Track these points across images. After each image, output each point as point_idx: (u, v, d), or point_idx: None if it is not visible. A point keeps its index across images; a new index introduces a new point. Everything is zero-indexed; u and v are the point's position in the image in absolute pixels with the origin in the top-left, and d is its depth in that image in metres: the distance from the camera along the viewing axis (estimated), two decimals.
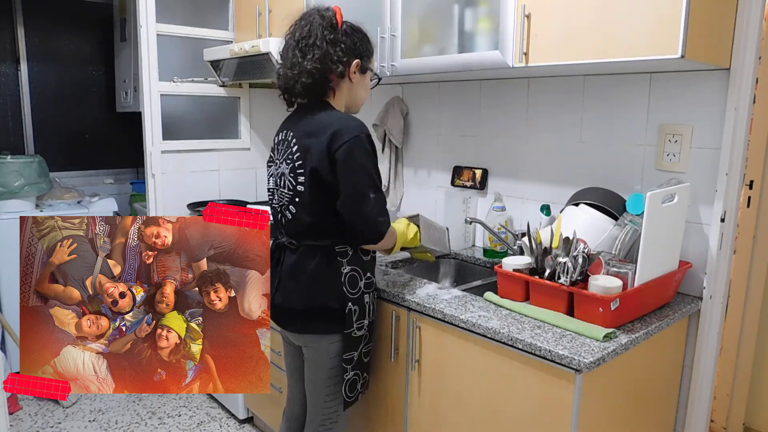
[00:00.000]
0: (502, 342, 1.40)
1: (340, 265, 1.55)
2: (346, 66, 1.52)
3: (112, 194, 3.54)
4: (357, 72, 1.56)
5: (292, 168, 1.53)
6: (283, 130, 1.61)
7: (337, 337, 1.58)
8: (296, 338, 1.65)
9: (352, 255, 1.56)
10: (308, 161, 1.48)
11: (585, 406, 1.30)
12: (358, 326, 1.59)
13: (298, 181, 1.51)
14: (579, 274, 1.46)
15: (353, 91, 1.59)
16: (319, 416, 1.67)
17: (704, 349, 1.67)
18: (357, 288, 1.57)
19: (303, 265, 1.55)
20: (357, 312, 1.57)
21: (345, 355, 1.59)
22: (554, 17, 1.52)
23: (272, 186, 1.64)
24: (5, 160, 2.97)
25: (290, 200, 1.55)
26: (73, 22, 3.66)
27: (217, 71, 2.72)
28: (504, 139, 2.13)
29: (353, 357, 1.61)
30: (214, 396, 2.77)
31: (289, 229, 1.58)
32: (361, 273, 1.58)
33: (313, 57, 1.48)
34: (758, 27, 1.51)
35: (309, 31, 1.49)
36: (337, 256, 1.54)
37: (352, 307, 1.56)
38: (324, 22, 1.50)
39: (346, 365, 1.61)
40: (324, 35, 1.48)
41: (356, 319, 1.57)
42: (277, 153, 1.61)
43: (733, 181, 1.58)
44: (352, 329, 1.57)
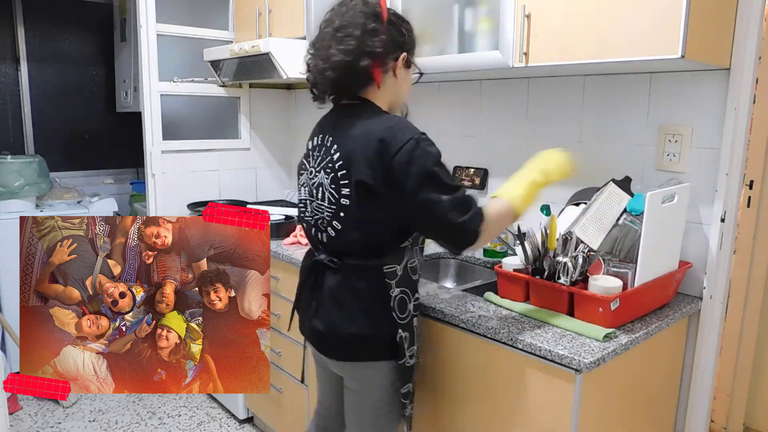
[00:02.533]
0: (502, 342, 1.40)
1: (389, 288, 1.36)
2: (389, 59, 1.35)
3: (112, 194, 3.54)
4: (403, 67, 1.39)
5: (334, 178, 1.33)
6: (320, 134, 1.42)
7: (387, 366, 1.41)
8: (339, 367, 1.47)
9: (401, 275, 1.38)
10: (353, 172, 1.30)
11: (585, 406, 1.30)
12: (410, 354, 1.41)
13: (341, 193, 1.33)
14: (579, 274, 1.46)
15: (398, 87, 1.41)
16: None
17: (704, 349, 1.67)
18: (406, 312, 1.40)
19: (348, 287, 1.38)
20: (408, 338, 1.39)
21: (402, 389, 1.44)
22: (554, 17, 1.52)
23: (305, 196, 1.46)
24: (5, 160, 2.97)
25: (333, 215, 1.36)
26: (73, 22, 3.66)
27: (217, 71, 2.72)
28: (504, 139, 2.13)
29: (410, 390, 1.45)
30: (214, 396, 2.77)
31: (331, 247, 1.40)
32: (410, 294, 1.41)
33: (345, 47, 1.30)
34: (758, 27, 1.51)
35: (349, 19, 1.31)
36: (386, 278, 1.36)
37: (403, 334, 1.38)
38: (366, 9, 1.32)
39: (404, 399, 1.45)
40: (365, 23, 1.30)
41: (408, 346, 1.40)
42: (313, 160, 1.42)
43: (733, 181, 1.58)
44: (405, 358, 1.39)
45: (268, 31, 2.51)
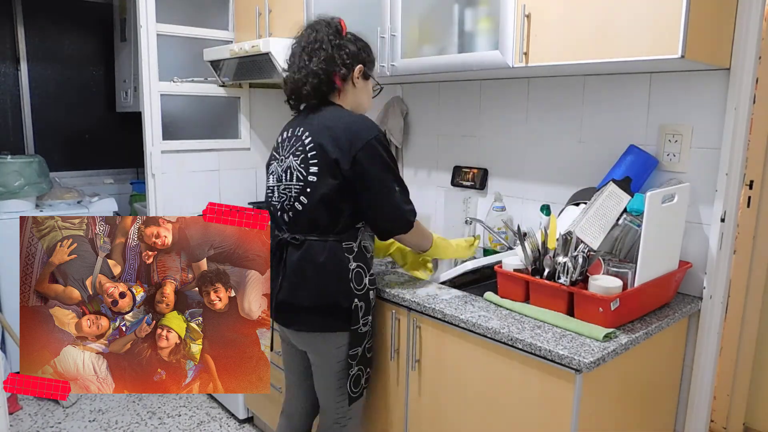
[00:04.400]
0: (502, 342, 1.40)
1: (348, 261, 1.56)
2: (350, 70, 1.59)
3: (112, 194, 3.54)
4: (360, 77, 1.62)
5: (304, 159, 1.54)
6: (290, 128, 1.64)
7: (345, 335, 1.60)
8: (301, 339, 1.65)
9: (357, 251, 1.58)
10: (323, 152, 1.51)
11: (585, 406, 1.30)
12: (364, 322, 1.61)
13: (309, 171, 1.53)
14: (579, 274, 1.46)
15: (357, 96, 1.64)
16: (333, 415, 1.69)
17: (704, 349, 1.67)
18: (362, 284, 1.59)
19: (309, 260, 1.55)
20: (363, 308, 1.59)
21: (351, 351, 1.62)
22: (554, 17, 1.52)
23: (273, 183, 1.65)
24: (5, 160, 2.97)
25: (300, 190, 1.54)
26: (73, 22, 3.66)
27: (217, 71, 2.72)
28: (504, 139, 2.13)
29: (358, 352, 1.64)
30: (214, 396, 2.77)
31: (295, 224, 1.58)
32: (366, 270, 1.61)
33: (320, 59, 1.54)
34: (758, 27, 1.51)
35: (316, 36, 1.57)
36: (344, 252, 1.56)
37: (359, 303, 1.58)
38: (330, 29, 1.58)
39: (351, 361, 1.63)
40: (330, 40, 1.56)
41: (362, 315, 1.60)
42: (282, 150, 1.63)
43: (733, 181, 1.58)
44: (358, 325, 1.60)
45: (268, 31, 2.51)
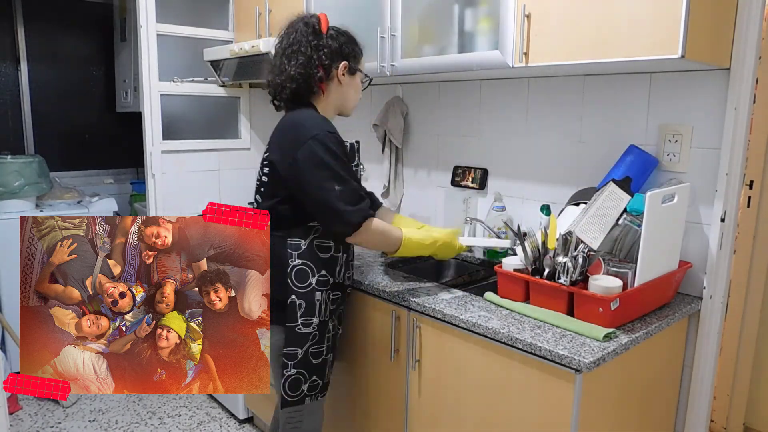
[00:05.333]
0: (502, 342, 1.40)
1: (289, 257, 1.56)
2: (331, 69, 1.57)
3: (112, 194, 3.54)
4: (345, 74, 1.60)
5: (263, 160, 1.61)
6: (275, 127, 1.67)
7: (280, 330, 1.57)
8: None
9: (305, 249, 1.57)
10: (271, 153, 1.57)
11: (585, 406, 1.30)
12: (304, 322, 1.57)
13: (263, 172, 1.59)
14: (579, 274, 1.46)
15: (343, 92, 1.62)
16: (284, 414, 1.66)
17: (704, 349, 1.67)
18: (306, 283, 1.57)
19: None
20: (303, 307, 1.57)
21: (286, 349, 1.58)
22: (554, 17, 1.52)
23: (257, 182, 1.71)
24: (5, 160, 2.97)
25: (257, 190, 1.63)
26: (73, 22, 3.66)
27: (217, 71, 2.72)
28: (504, 139, 2.13)
29: (296, 354, 1.59)
30: (214, 396, 2.77)
31: None
32: (314, 269, 1.58)
33: (297, 62, 1.54)
34: (758, 27, 1.51)
35: (294, 38, 1.56)
36: (287, 248, 1.56)
37: (297, 301, 1.56)
38: (308, 29, 1.56)
39: (287, 360, 1.59)
40: (308, 41, 1.55)
41: (301, 315, 1.57)
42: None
43: (733, 181, 1.58)
44: (296, 324, 1.56)
45: (268, 31, 2.51)
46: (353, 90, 1.65)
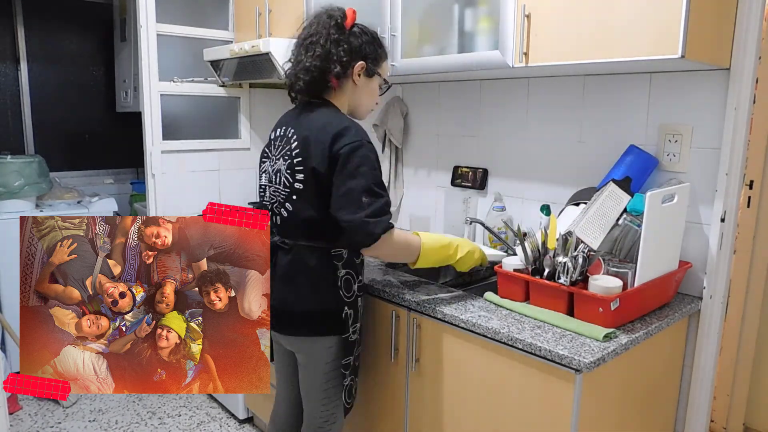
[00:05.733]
0: (502, 342, 1.40)
1: (336, 269, 1.53)
2: (348, 66, 1.49)
3: (112, 194, 3.54)
4: (362, 74, 1.53)
5: (290, 164, 1.49)
6: (282, 126, 1.59)
7: (334, 341, 1.56)
8: (290, 342, 1.61)
9: (347, 258, 1.54)
10: (309, 159, 1.45)
11: (585, 406, 1.30)
12: (353, 330, 1.58)
13: (296, 178, 1.48)
14: (579, 274, 1.46)
15: (357, 94, 1.55)
16: (316, 421, 1.65)
17: (704, 349, 1.67)
18: (351, 291, 1.56)
19: (299, 266, 1.52)
20: (352, 316, 1.57)
21: (343, 360, 1.59)
22: (554, 17, 1.52)
23: (265, 182, 1.62)
24: (5, 160, 2.97)
25: (286, 197, 1.51)
26: (73, 22, 3.66)
27: (217, 71, 2.72)
28: (504, 139, 2.13)
29: (350, 362, 1.61)
30: (214, 396, 2.77)
31: (284, 228, 1.55)
32: (355, 276, 1.57)
33: (314, 54, 1.47)
34: (758, 27, 1.51)
35: (315, 29, 1.49)
36: (333, 259, 1.52)
37: (348, 311, 1.55)
38: (330, 21, 1.48)
39: (345, 371, 1.60)
40: (329, 34, 1.47)
41: (351, 323, 1.57)
42: (274, 149, 1.58)
43: (733, 181, 1.58)
44: (348, 333, 1.57)
45: (268, 31, 2.51)
46: (368, 94, 1.57)
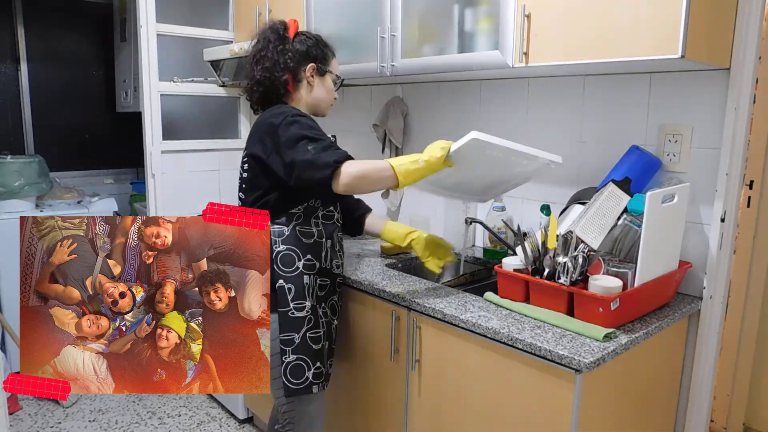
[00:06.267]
0: (502, 342, 1.40)
1: (273, 243, 1.59)
2: (298, 71, 1.63)
3: (112, 194, 3.54)
4: (314, 75, 1.66)
5: (241, 158, 1.66)
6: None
7: (275, 317, 1.59)
8: None
9: (288, 235, 1.61)
10: (248, 148, 1.61)
11: (585, 406, 1.30)
12: (297, 306, 1.60)
13: (243, 168, 1.65)
14: (579, 274, 1.46)
15: (314, 93, 1.67)
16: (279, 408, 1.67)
17: (704, 349, 1.67)
18: (293, 267, 1.60)
19: None
20: (293, 291, 1.59)
21: (282, 335, 1.59)
22: (554, 17, 1.52)
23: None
24: (5, 160, 2.97)
25: (239, 186, 1.70)
26: (73, 22, 3.66)
27: (217, 71, 2.72)
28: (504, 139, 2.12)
29: (293, 339, 1.60)
30: (214, 396, 2.77)
31: None
32: (300, 254, 1.61)
33: (263, 67, 1.60)
34: (758, 27, 1.51)
35: (262, 44, 1.63)
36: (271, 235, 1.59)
37: (286, 285, 1.59)
38: (273, 35, 1.62)
39: (285, 347, 1.60)
40: (274, 46, 1.61)
41: (293, 299, 1.59)
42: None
43: (733, 181, 1.58)
44: (288, 308, 1.59)
45: None
46: (324, 91, 1.69)
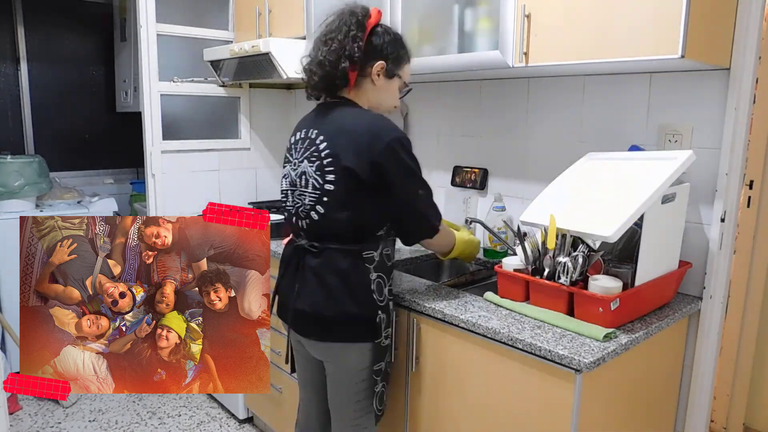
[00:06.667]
0: (502, 342, 1.40)
1: (369, 271, 1.47)
2: (365, 65, 1.46)
3: (112, 194, 3.54)
4: (381, 75, 1.49)
5: (319, 166, 1.44)
6: (303, 128, 1.54)
7: (368, 347, 1.50)
8: (319, 348, 1.54)
9: (378, 261, 1.49)
10: (341, 159, 1.40)
11: (585, 406, 1.30)
12: (386, 335, 1.53)
13: (326, 179, 1.43)
14: (579, 274, 1.46)
15: (377, 94, 1.52)
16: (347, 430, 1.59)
17: (704, 349, 1.67)
18: (383, 295, 1.50)
19: (330, 268, 1.46)
20: (385, 320, 1.51)
21: (375, 366, 1.53)
22: (554, 17, 1.52)
23: (286, 187, 1.56)
24: (5, 160, 2.97)
25: (317, 200, 1.45)
26: (73, 22, 3.66)
27: (217, 71, 2.72)
28: (504, 139, 2.13)
29: (382, 368, 1.55)
30: (214, 396, 2.77)
31: (314, 231, 1.49)
32: (385, 279, 1.52)
33: (330, 49, 1.44)
34: (758, 27, 1.51)
35: (336, 26, 1.46)
36: (365, 262, 1.47)
37: (381, 315, 1.49)
38: (351, 18, 1.46)
39: (376, 377, 1.55)
40: (348, 30, 1.44)
41: (384, 328, 1.51)
42: (296, 152, 1.53)
43: (733, 181, 1.58)
44: (381, 338, 1.51)
45: (268, 31, 2.51)
46: (388, 95, 1.54)
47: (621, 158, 1.62)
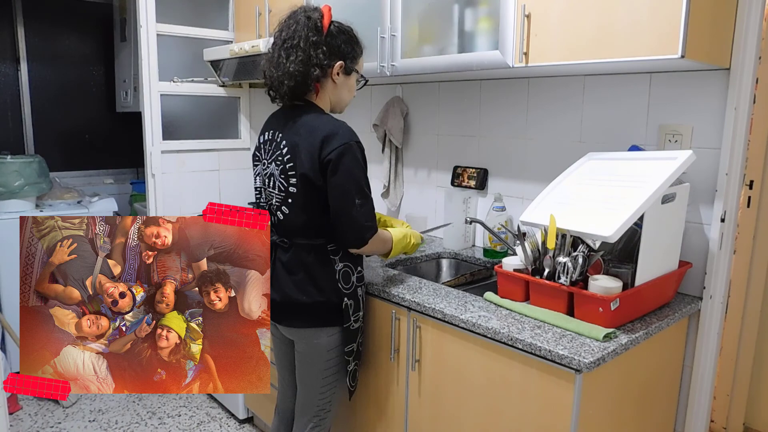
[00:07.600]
0: (502, 342, 1.40)
1: (334, 263, 1.59)
2: (328, 68, 1.53)
3: (112, 194, 3.54)
4: (341, 73, 1.57)
5: (283, 170, 1.54)
6: (270, 129, 1.62)
7: (336, 331, 1.63)
8: (290, 332, 1.67)
9: (343, 252, 1.60)
10: (299, 165, 1.50)
11: (585, 406, 1.30)
12: (355, 319, 1.64)
13: (289, 182, 1.53)
14: (579, 274, 1.46)
15: (337, 91, 1.60)
16: (313, 408, 1.70)
17: (704, 349, 1.67)
18: (350, 283, 1.62)
19: (298, 261, 1.58)
20: (353, 306, 1.62)
21: (346, 347, 1.65)
22: (554, 17, 1.52)
23: (260, 185, 1.67)
24: (5, 160, 2.97)
25: (282, 201, 1.57)
26: (73, 22, 3.66)
27: (217, 71, 2.72)
28: (504, 139, 2.13)
29: (353, 349, 1.68)
30: (214, 396, 2.77)
31: (282, 229, 1.61)
32: (353, 268, 1.63)
33: (296, 59, 1.49)
34: (758, 27, 1.51)
35: (294, 31, 1.51)
36: (329, 254, 1.59)
37: (348, 302, 1.61)
38: (309, 23, 1.50)
39: (348, 357, 1.67)
40: (308, 37, 1.49)
41: (353, 313, 1.63)
42: (264, 153, 1.62)
43: (733, 181, 1.58)
44: (350, 323, 1.63)
45: (268, 31, 2.51)
46: (347, 90, 1.62)
47: (621, 158, 1.62)
